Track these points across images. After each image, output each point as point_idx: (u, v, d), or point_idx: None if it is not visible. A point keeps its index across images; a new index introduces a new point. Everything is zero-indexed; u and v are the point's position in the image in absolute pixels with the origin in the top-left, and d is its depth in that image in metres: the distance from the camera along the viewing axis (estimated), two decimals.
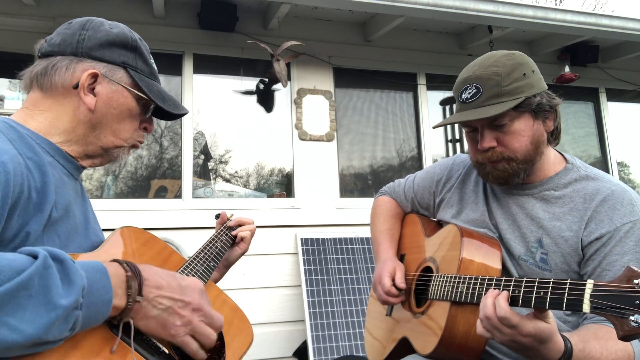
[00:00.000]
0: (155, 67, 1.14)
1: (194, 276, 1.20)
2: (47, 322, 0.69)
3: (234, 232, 1.48)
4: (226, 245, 1.43)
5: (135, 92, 1.06)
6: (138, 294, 0.85)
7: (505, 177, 1.34)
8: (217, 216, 1.55)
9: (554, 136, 1.38)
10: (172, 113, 1.12)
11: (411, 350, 1.46)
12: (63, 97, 1.01)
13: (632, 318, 0.83)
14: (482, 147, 1.32)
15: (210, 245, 1.38)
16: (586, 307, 0.90)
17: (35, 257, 0.72)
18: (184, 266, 1.20)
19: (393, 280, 1.54)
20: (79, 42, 1.02)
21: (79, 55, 1.01)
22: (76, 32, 1.03)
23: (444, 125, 1.44)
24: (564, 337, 1.08)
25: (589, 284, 0.92)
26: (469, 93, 1.30)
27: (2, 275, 0.67)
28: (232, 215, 1.56)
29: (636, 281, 0.85)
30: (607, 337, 1.13)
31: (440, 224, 1.67)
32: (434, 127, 1.48)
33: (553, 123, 1.34)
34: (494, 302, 1.06)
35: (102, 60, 1.03)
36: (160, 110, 1.11)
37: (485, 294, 1.12)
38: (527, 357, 1.10)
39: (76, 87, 1.00)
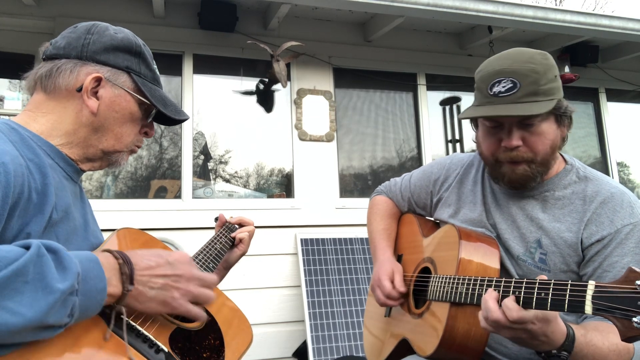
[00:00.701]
0: (157, 73, 1.15)
1: None
2: (45, 306, 0.73)
3: (233, 234, 1.48)
4: (225, 247, 1.43)
5: (138, 96, 1.07)
6: (130, 283, 0.89)
7: (523, 180, 1.32)
8: (217, 219, 1.55)
9: (563, 142, 1.37)
10: (174, 118, 1.13)
11: (410, 351, 1.46)
12: (66, 99, 1.02)
13: (635, 319, 0.83)
14: (510, 145, 1.28)
15: (210, 246, 1.38)
16: (588, 308, 0.90)
17: (27, 247, 0.75)
18: None
19: (392, 282, 1.53)
20: (84, 45, 1.03)
21: (84, 59, 1.02)
22: (81, 35, 1.04)
23: (474, 117, 1.39)
24: (565, 324, 1.09)
25: (591, 285, 0.91)
26: (504, 87, 1.26)
27: None
28: (232, 217, 1.56)
29: (638, 282, 0.84)
30: (608, 331, 1.13)
31: (437, 224, 1.66)
32: (460, 118, 1.45)
33: (567, 130, 1.34)
34: (496, 306, 1.05)
35: (106, 64, 1.04)
36: (162, 116, 1.12)
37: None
38: (533, 347, 1.09)
39: (79, 90, 1.01)
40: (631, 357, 1.13)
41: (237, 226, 1.53)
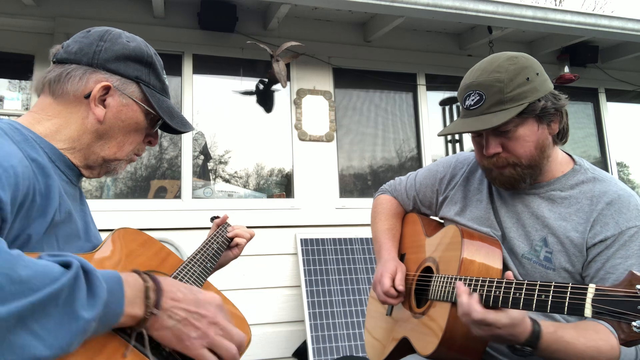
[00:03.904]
0: (167, 83, 1.15)
1: (190, 277, 1.20)
2: (69, 334, 0.69)
3: (229, 234, 1.48)
4: (222, 247, 1.44)
5: (145, 107, 1.07)
6: (155, 306, 0.84)
7: (512, 182, 1.34)
8: (213, 218, 1.55)
9: (560, 136, 1.37)
10: (178, 130, 1.13)
11: (411, 350, 1.46)
12: (73, 105, 1.02)
13: (634, 324, 0.83)
14: (487, 154, 1.32)
15: (207, 246, 1.38)
16: (588, 311, 0.90)
17: (67, 266, 0.72)
18: (180, 267, 1.20)
19: (393, 281, 1.54)
20: (96, 52, 1.03)
21: (94, 66, 1.02)
22: (94, 42, 1.04)
23: (449, 134, 1.44)
24: (533, 320, 1.11)
25: (591, 288, 0.91)
26: (472, 100, 1.30)
27: (36, 281, 0.66)
28: (228, 218, 1.56)
29: (639, 286, 0.84)
30: (589, 327, 1.13)
31: (440, 224, 1.67)
32: (439, 135, 1.48)
33: (558, 125, 1.33)
34: (469, 303, 1.11)
35: (117, 73, 1.04)
36: (167, 124, 1.12)
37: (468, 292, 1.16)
38: (499, 343, 1.15)
39: (87, 97, 1.01)
40: (616, 353, 1.12)
41: (232, 226, 1.53)
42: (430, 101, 4.19)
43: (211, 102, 3.69)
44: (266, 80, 3.78)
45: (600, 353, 1.11)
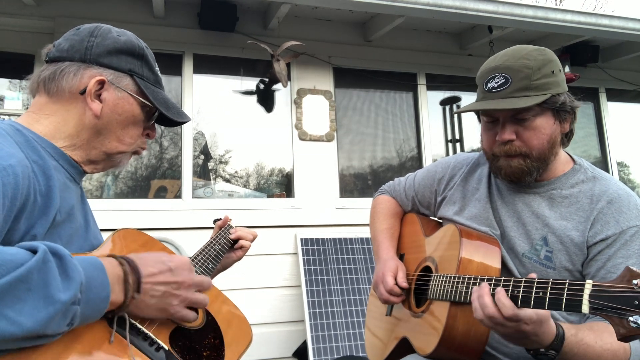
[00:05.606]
0: (160, 75, 1.16)
1: None
2: (46, 317, 0.71)
3: (232, 236, 1.49)
4: (225, 249, 1.44)
5: (141, 99, 1.07)
6: (136, 291, 0.88)
7: (518, 174, 1.33)
8: (216, 220, 1.55)
9: (567, 138, 1.38)
10: (175, 120, 1.14)
11: (411, 350, 1.46)
12: (69, 102, 1.02)
13: (631, 319, 0.83)
14: (502, 139, 1.31)
15: (209, 247, 1.38)
16: (585, 307, 0.90)
17: (34, 251, 0.73)
18: None
19: (395, 279, 1.54)
20: (87, 48, 1.03)
21: (87, 62, 1.03)
22: (84, 38, 1.04)
23: (467, 111, 1.43)
24: (556, 323, 1.10)
25: (588, 284, 0.92)
26: (497, 82, 1.29)
27: (1, 269, 0.68)
28: (231, 220, 1.56)
29: (635, 281, 0.85)
30: (603, 330, 1.13)
31: (439, 224, 1.67)
32: (455, 113, 1.48)
33: (569, 125, 1.34)
34: (491, 301, 1.07)
35: (110, 67, 1.04)
36: (163, 117, 1.12)
37: (473, 291, 1.13)
38: (523, 344, 1.11)
39: (83, 92, 1.01)
40: (628, 357, 1.13)
41: (234, 227, 1.54)
42: (430, 101, 4.19)
43: (211, 102, 3.69)
44: (266, 80, 3.79)
45: (615, 356, 1.11)
